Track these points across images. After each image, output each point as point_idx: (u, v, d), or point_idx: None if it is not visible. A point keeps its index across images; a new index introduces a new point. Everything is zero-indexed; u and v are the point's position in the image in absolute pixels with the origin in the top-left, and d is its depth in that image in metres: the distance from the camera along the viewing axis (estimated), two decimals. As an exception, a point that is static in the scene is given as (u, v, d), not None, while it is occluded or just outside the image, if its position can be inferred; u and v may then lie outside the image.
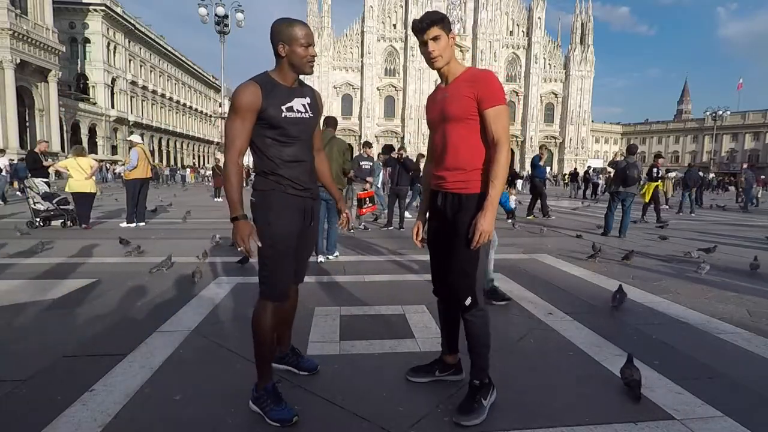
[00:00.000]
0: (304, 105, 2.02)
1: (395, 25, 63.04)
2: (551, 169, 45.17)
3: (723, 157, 64.55)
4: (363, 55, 61.98)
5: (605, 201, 9.70)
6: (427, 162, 2.21)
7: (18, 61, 32.27)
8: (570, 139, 65.69)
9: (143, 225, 8.32)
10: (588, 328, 3.14)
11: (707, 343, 2.94)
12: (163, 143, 59.12)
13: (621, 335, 3.03)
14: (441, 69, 1.98)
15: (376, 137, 59.87)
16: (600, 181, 22.89)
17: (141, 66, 54.58)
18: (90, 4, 44.42)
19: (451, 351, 2.29)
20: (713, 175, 34.89)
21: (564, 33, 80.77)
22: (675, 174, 10.02)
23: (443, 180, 1.99)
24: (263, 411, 1.95)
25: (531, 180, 11.63)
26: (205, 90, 76.07)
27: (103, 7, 45.10)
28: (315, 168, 2.21)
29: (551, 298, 3.75)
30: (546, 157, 11.26)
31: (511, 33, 64.84)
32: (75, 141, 38.99)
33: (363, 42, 61.93)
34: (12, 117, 32.30)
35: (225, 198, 2.01)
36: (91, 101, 45.66)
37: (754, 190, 16.07)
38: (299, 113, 1.99)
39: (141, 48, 54.24)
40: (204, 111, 73.49)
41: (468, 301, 1.96)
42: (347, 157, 5.52)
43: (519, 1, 65.18)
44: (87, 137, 43.43)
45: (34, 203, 7.92)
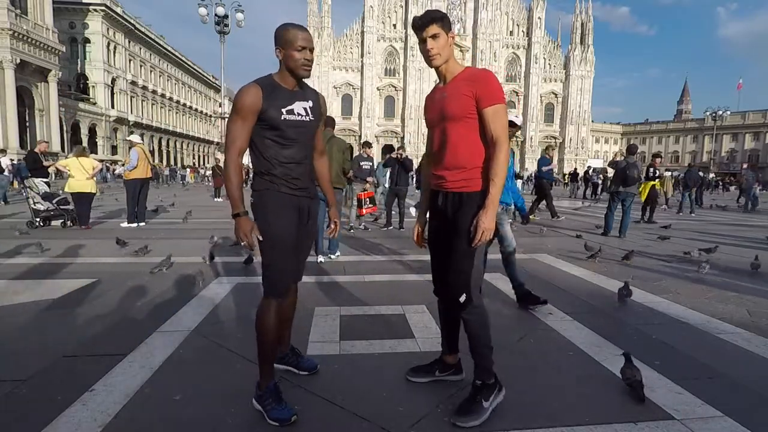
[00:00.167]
0: (305, 108, 2.05)
1: (395, 25, 63.03)
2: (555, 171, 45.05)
3: (723, 157, 64.57)
4: (363, 55, 61.97)
5: (605, 201, 9.70)
6: (426, 162, 2.21)
7: (18, 61, 32.29)
8: (570, 139, 65.71)
9: (143, 225, 8.33)
10: (588, 328, 3.14)
11: (707, 343, 2.94)
12: (163, 143, 59.12)
13: (621, 335, 3.03)
14: (439, 68, 1.97)
15: (376, 137, 59.87)
16: (599, 181, 22.90)
17: (141, 66, 54.59)
18: (90, 4, 44.44)
19: (451, 351, 2.29)
20: (713, 175, 34.90)
21: (564, 33, 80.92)
22: (669, 174, 9.92)
23: (443, 179, 1.99)
24: (264, 410, 1.98)
25: (537, 180, 11.49)
26: (205, 90, 76.07)
27: (103, 7, 45.11)
28: (314, 169, 2.24)
29: (551, 298, 3.74)
30: (552, 158, 11.11)
31: (511, 33, 64.84)
32: (75, 141, 39.04)
33: (363, 42, 61.92)
34: (12, 117, 32.32)
35: (225, 197, 2.03)
36: (91, 101, 45.67)
37: (754, 190, 15.98)
38: (299, 116, 2.03)
39: (141, 48, 54.25)
40: (204, 111, 73.51)
41: (462, 298, 1.95)
42: (347, 157, 5.52)
43: (519, 1, 65.18)
44: (87, 137, 43.43)
45: (34, 203, 7.92)
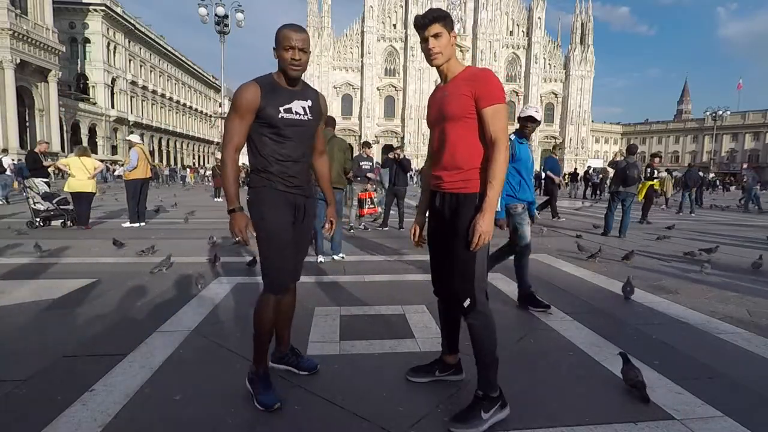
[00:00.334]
0: (303, 107, 2.07)
1: (395, 25, 63.05)
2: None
3: (723, 157, 64.56)
4: (363, 55, 62.00)
5: (605, 201, 9.70)
6: (427, 161, 2.20)
7: (18, 61, 32.30)
8: (570, 139, 65.72)
9: (144, 225, 8.33)
10: (588, 328, 3.14)
11: (707, 343, 2.94)
12: (163, 143, 59.12)
13: (621, 335, 3.03)
14: (440, 67, 1.95)
15: (376, 137, 59.86)
16: (597, 180, 22.93)
17: (141, 66, 54.59)
18: (90, 4, 44.44)
19: (452, 351, 2.29)
20: (713, 175, 34.89)
21: (564, 33, 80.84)
22: (666, 175, 9.81)
23: (441, 180, 1.96)
24: (253, 392, 2.09)
25: (544, 181, 11.37)
26: (205, 90, 76.07)
27: (103, 7, 45.11)
28: (313, 169, 2.26)
29: (551, 298, 3.74)
30: (558, 157, 10.96)
31: (511, 33, 64.86)
32: (75, 141, 39.05)
33: (363, 42, 61.95)
34: (12, 117, 32.34)
35: (225, 198, 2.04)
36: (91, 101, 45.67)
37: (755, 190, 15.82)
38: (297, 115, 2.04)
39: (141, 48, 54.25)
40: (204, 111, 73.49)
41: (467, 303, 1.91)
42: (348, 157, 5.52)
43: (519, 1, 65.21)
44: (87, 137, 43.43)
45: (34, 203, 7.92)
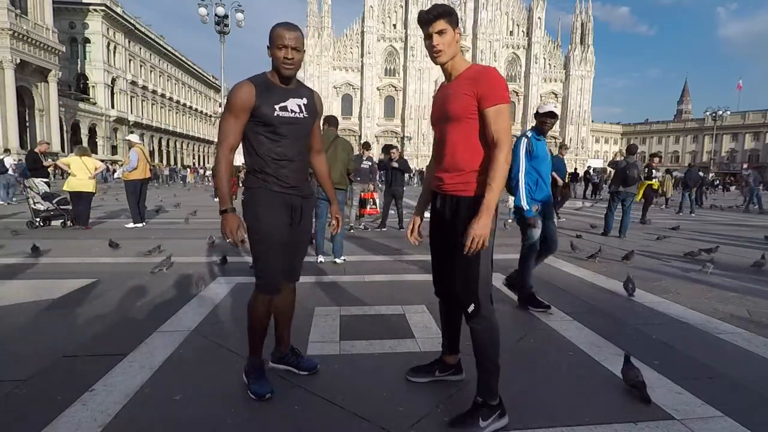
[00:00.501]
0: (299, 105, 2.06)
1: (395, 25, 63.06)
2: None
3: (723, 157, 64.55)
4: (363, 55, 62.00)
5: (605, 201, 9.70)
6: (431, 160, 2.17)
7: (18, 61, 32.30)
8: (570, 139, 65.70)
9: (144, 225, 8.32)
10: (588, 328, 3.14)
11: (707, 343, 2.94)
12: (163, 143, 59.12)
13: (621, 335, 3.03)
14: (444, 65, 1.88)
15: (376, 137, 59.90)
16: (599, 181, 22.94)
17: (141, 66, 54.59)
18: (90, 4, 44.44)
19: (452, 351, 2.29)
20: (713, 175, 34.87)
21: (564, 33, 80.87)
22: (662, 174, 9.73)
23: (441, 182, 1.93)
24: (247, 382, 2.15)
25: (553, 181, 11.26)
26: (205, 90, 76.06)
27: (103, 7, 45.12)
28: (311, 167, 2.25)
29: (551, 298, 3.74)
30: (565, 156, 10.87)
31: (511, 33, 64.88)
32: (75, 141, 39.05)
33: (363, 42, 61.96)
34: (12, 117, 32.33)
35: None
36: (91, 101, 45.67)
37: (757, 190, 15.57)
38: (293, 113, 2.04)
39: (141, 48, 54.24)
40: (204, 111, 73.49)
41: (471, 308, 1.86)
42: (351, 157, 5.52)
43: (519, 1, 65.24)
44: (87, 137, 43.43)
45: (34, 203, 7.92)
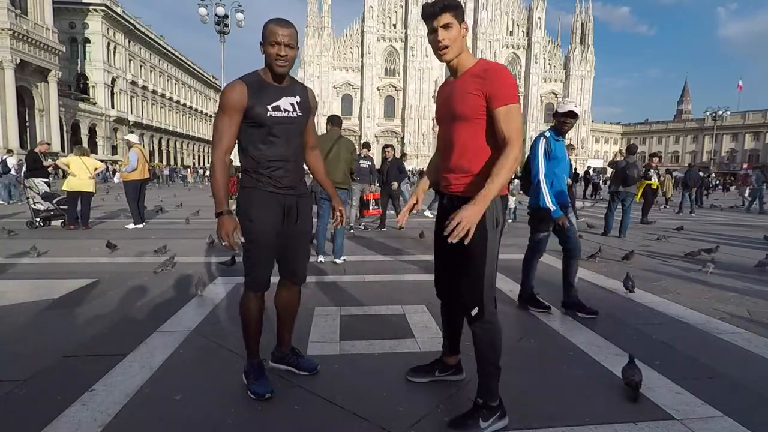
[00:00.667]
0: (292, 104, 2.04)
1: (395, 25, 63.08)
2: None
3: (723, 157, 64.56)
4: (363, 55, 62.03)
5: (605, 201, 9.70)
6: (435, 154, 2.12)
7: (18, 61, 32.30)
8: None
9: (144, 225, 8.31)
10: (588, 328, 3.14)
11: (707, 343, 2.94)
12: (163, 143, 59.13)
13: (621, 335, 3.03)
14: (450, 62, 1.80)
15: (376, 137, 59.90)
16: (599, 180, 22.96)
17: (141, 66, 54.59)
18: (90, 4, 44.44)
19: (452, 352, 2.28)
20: (713, 175, 34.87)
21: (564, 33, 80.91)
22: (652, 173, 9.64)
23: (448, 182, 1.89)
24: (247, 383, 2.16)
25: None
26: (205, 90, 76.07)
27: (103, 7, 45.12)
28: (306, 166, 2.25)
29: (551, 298, 3.74)
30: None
31: (511, 33, 64.91)
32: (75, 141, 39.03)
33: (363, 42, 61.98)
34: (12, 117, 32.33)
35: None
36: (91, 101, 45.68)
37: (761, 189, 15.22)
38: (286, 112, 2.02)
39: (141, 48, 54.24)
40: (204, 111, 73.50)
41: (474, 312, 1.84)
42: (355, 157, 5.52)
43: (519, 1, 65.27)
44: (87, 137, 43.44)
45: (34, 203, 7.92)
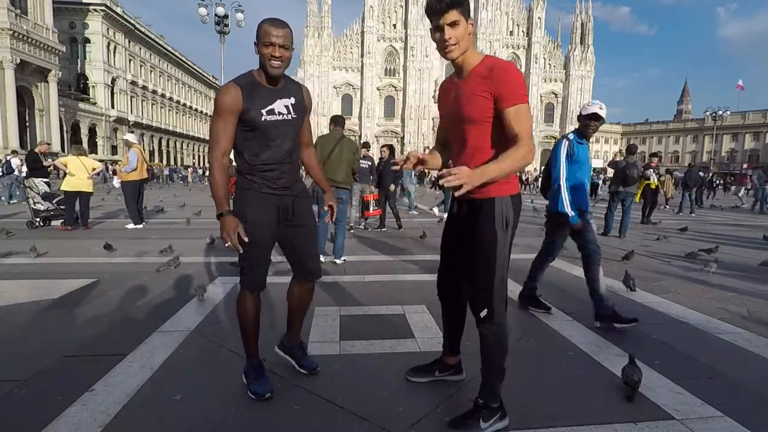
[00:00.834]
0: (286, 106, 2.03)
1: (395, 25, 63.04)
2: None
3: (723, 157, 64.52)
4: (363, 55, 61.99)
5: (605, 201, 9.70)
6: (436, 146, 2.09)
7: (18, 61, 32.29)
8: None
9: (143, 226, 8.31)
10: (588, 328, 3.14)
11: (707, 343, 2.94)
12: (163, 143, 59.13)
13: (621, 335, 3.02)
14: (455, 60, 1.75)
15: (376, 137, 59.88)
16: (598, 181, 22.99)
17: (141, 66, 54.57)
18: (90, 4, 44.42)
19: (453, 353, 2.27)
20: (713, 176, 34.87)
21: (564, 33, 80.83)
22: (650, 173, 9.58)
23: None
24: (247, 383, 2.17)
25: None
26: (205, 90, 76.03)
27: (103, 7, 45.10)
28: (301, 165, 2.25)
29: (551, 298, 3.74)
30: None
31: (511, 33, 64.87)
32: (75, 141, 39.00)
33: (363, 42, 61.93)
34: (12, 117, 32.33)
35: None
36: (91, 101, 45.65)
37: (764, 189, 15.17)
38: (281, 115, 2.01)
39: (141, 48, 54.22)
40: (204, 111, 73.47)
41: (483, 313, 1.83)
42: (357, 158, 5.52)
43: (519, 1, 65.21)
44: (87, 137, 43.43)
45: (34, 203, 7.92)
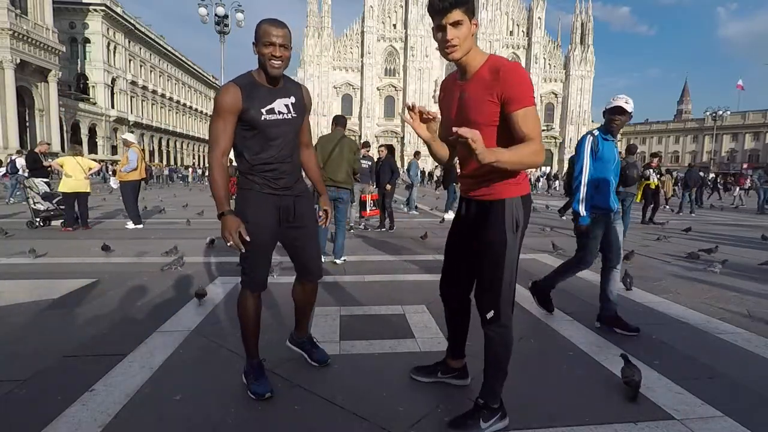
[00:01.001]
0: (286, 105, 2.03)
1: (395, 25, 63.02)
2: (550, 170, 44.85)
3: (723, 157, 64.51)
4: (363, 55, 61.95)
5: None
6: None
7: (18, 61, 32.30)
8: (570, 139, 65.64)
9: (143, 226, 8.31)
10: (588, 328, 3.14)
11: (707, 343, 2.94)
12: (163, 143, 59.14)
13: (621, 335, 3.02)
14: (458, 60, 1.71)
15: (376, 137, 59.84)
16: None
17: (141, 66, 54.58)
18: (90, 4, 44.44)
19: (455, 356, 2.24)
20: (713, 175, 34.88)
21: (564, 33, 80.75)
22: (649, 172, 9.52)
23: (468, 187, 1.87)
24: (247, 383, 2.17)
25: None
26: (205, 90, 76.06)
27: (103, 7, 45.11)
28: (301, 165, 2.25)
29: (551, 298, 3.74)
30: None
31: (511, 33, 64.83)
32: (75, 141, 39.02)
33: (363, 42, 61.90)
34: (12, 117, 32.35)
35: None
36: (91, 101, 45.67)
37: (764, 189, 15.05)
38: (281, 114, 2.01)
39: (141, 48, 54.24)
40: (204, 111, 73.49)
41: (490, 315, 1.81)
42: (358, 157, 5.51)
43: (519, 1, 65.16)
44: (87, 137, 43.46)
45: (34, 203, 7.92)
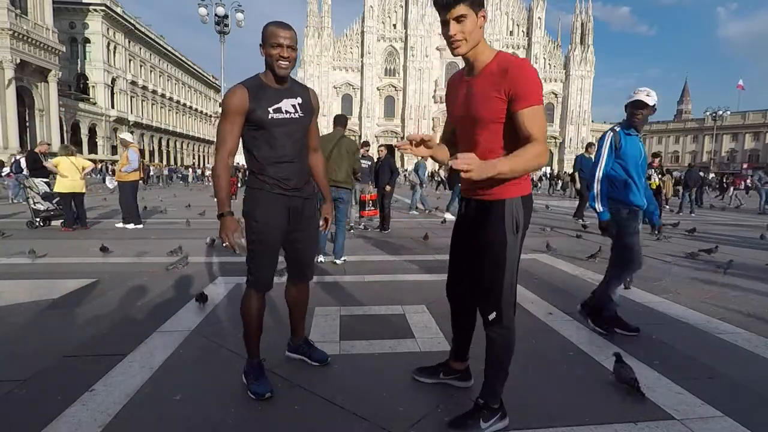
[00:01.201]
0: (294, 105, 2.05)
1: (395, 25, 63.02)
2: (550, 170, 44.84)
3: (723, 157, 64.51)
4: (363, 55, 61.95)
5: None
6: (441, 142, 2.01)
7: (18, 61, 32.26)
8: (570, 139, 65.68)
9: (143, 226, 8.30)
10: (588, 328, 3.14)
11: (707, 343, 2.94)
12: (163, 143, 59.13)
13: (621, 335, 3.02)
14: (465, 55, 1.69)
15: (376, 137, 59.83)
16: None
17: (141, 66, 54.57)
18: (90, 4, 44.43)
19: (458, 358, 2.22)
20: (713, 176, 34.83)
21: (564, 33, 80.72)
22: (651, 172, 9.49)
23: (470, 186, 1.83)
24: (247, 383, 2.17)
25: (579, 181, 10.16)
26: (205, 90, 76.05)
27: (103, 7, 45.10)
28: (309, 167, 2.26)
29: (551, 298, 3.75)
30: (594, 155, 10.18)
31: (511, 33, 64.82)
32: (75, 141, 39.09)
33: (363, 42, 61.90)
34: (12, 117, 32.30)
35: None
36: (91, 101, 45.65)
37: (765, 189, 14.99)
38: (287, 114, 2.03)
39: (141, 48, 54.23)
40: (204, 111, 73.49)
41: (492, 316, 1.80)
42: (358, 157, 5.50)
43: (519, 1, 65.16)
44: (87, 137, 43.45)
45: (34, 203, 7.92)
